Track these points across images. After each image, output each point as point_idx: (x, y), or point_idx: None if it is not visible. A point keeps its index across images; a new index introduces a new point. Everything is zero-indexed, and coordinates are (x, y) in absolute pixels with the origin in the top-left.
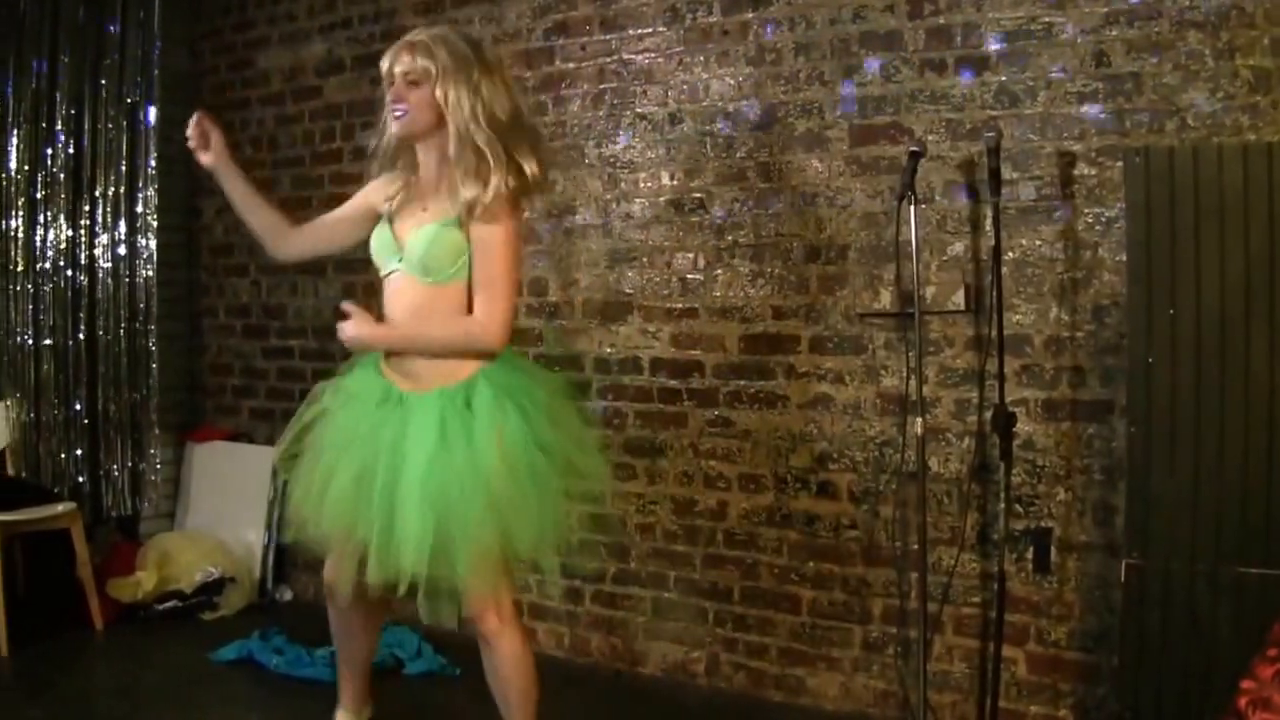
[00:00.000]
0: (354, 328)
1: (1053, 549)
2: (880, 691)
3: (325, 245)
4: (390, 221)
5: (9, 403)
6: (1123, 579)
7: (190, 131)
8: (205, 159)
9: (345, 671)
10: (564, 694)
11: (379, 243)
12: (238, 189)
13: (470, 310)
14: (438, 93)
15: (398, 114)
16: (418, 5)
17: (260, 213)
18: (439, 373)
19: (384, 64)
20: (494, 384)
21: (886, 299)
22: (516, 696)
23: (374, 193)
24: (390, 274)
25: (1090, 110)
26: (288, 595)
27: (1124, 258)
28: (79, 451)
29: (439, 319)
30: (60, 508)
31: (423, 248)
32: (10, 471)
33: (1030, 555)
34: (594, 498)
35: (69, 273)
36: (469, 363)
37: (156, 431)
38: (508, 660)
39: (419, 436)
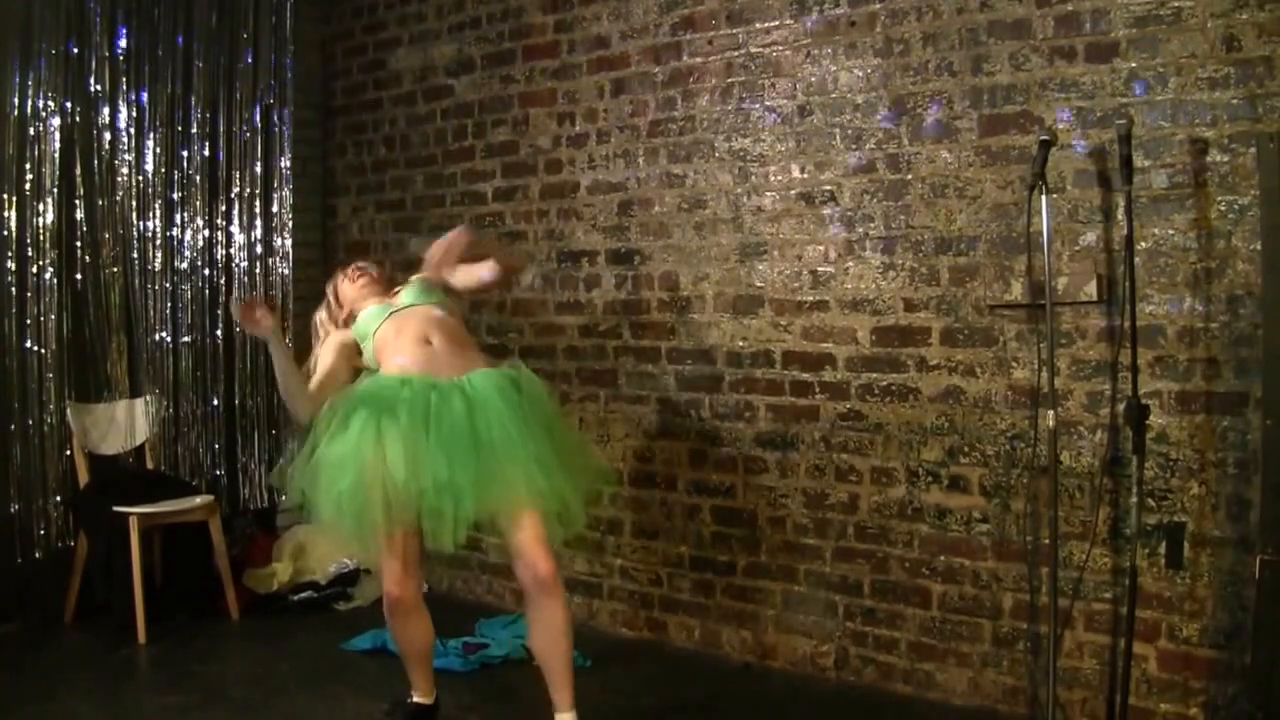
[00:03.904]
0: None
1: (1185, 544)
2: (1009, 687)
3: (336, 394)
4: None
5: (149, 398)
6: (1256, 575)
7: (241, 313)
8: (265, 328)
9: (415, 665)
10: (693, 686)
11: (368, 320)
12: (287, 355)
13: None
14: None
15: (364, 278)
16: (545, 4)
17: (297, 377)
18: (470, 365)
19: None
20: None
21: (1018, 290)
22: (568, 656)
23: (336, 333)
24: (389, 316)
25: (1222, 96)
26: (423, 587)
27: (1258, 246)
28: (217, 446)
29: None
30: (198, 500)
31: (419, 285)
32: (150, 465)
33: (1162, 550)
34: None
35: (206, 272)
36: (486, 360)
37: (292, 425)
38: (561, 622)
39: (492, 397)
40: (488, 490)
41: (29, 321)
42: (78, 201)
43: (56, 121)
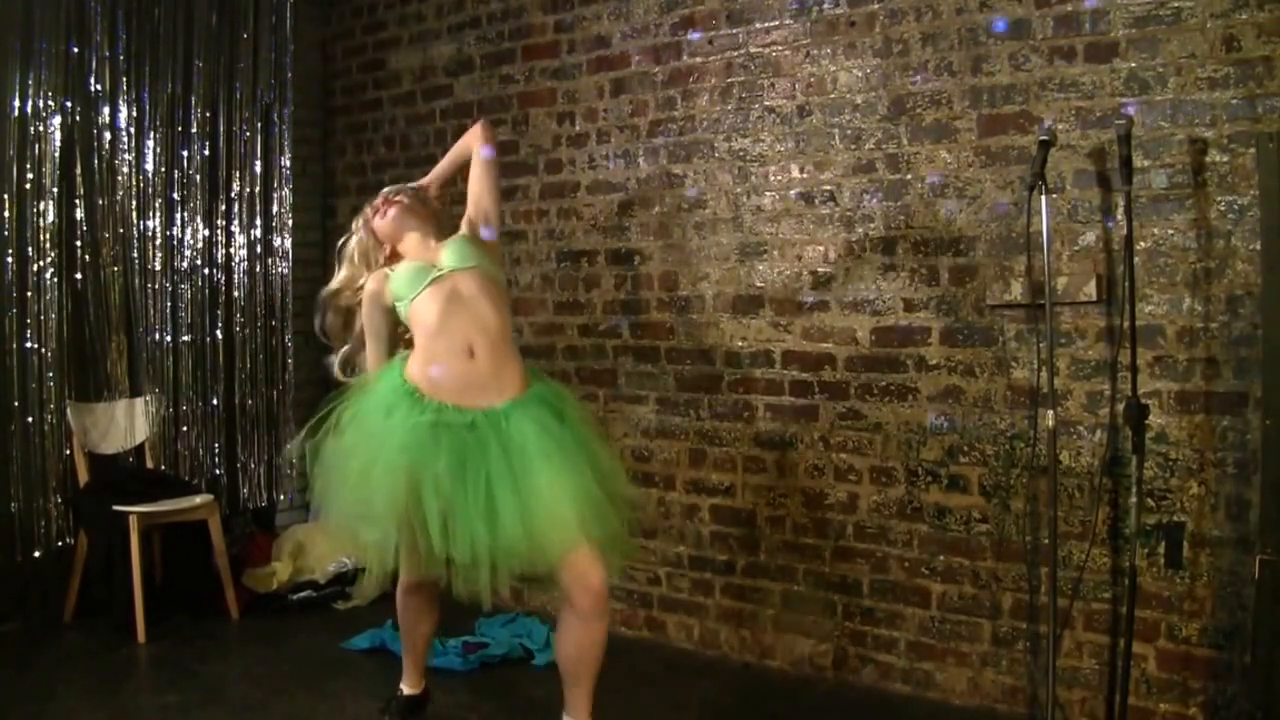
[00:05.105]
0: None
1: (1185, 544)
2: (1009, 687)
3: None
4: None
5: (149, 398)
6: (1256, 575)
7: None
8: None
9: (410, 651)
10: (692, 686)
11: (405, 284)
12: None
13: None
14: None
15: (395, 208)
16: (545, 3)
17: None
18: (507, 386)
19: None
20: (554, 384)
21: (1017, 290)
22: (593, 674)
23: (375, 288)
24: (432, 283)
25: (1221, 96)
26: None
27: (1258, 246)
28: (216, 445)
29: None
30: (198, 500)
31: (461, 243)
32: (150, 464)
33: (1162, 550)
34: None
35: (206, 271)
36: (524, 374)
37: (292, 425)
38: (600, 639)
39: (531, 440)
40: (533, 545)
41: (29, 321)
42: (78, 201)
43: (56, 121)
